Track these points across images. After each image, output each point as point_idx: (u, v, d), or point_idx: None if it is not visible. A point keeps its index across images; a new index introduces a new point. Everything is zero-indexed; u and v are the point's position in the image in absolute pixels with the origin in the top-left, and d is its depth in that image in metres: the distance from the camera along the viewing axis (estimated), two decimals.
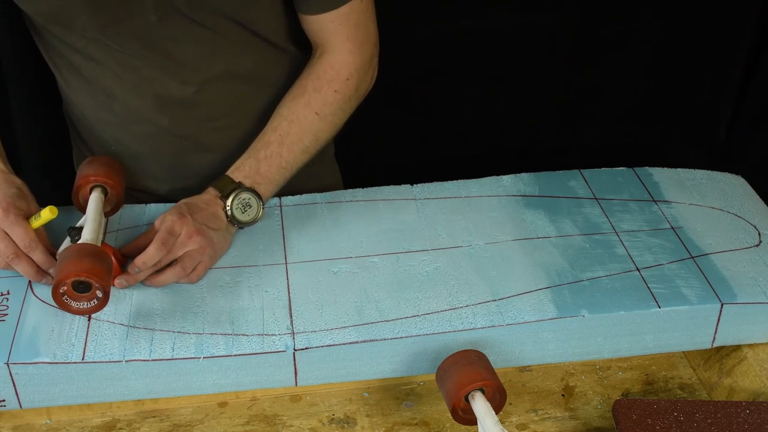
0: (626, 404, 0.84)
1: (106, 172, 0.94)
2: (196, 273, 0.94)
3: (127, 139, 1.09)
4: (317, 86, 1.03)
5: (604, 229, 1.02)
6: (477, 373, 0.82)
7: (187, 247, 0.93)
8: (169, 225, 0.93)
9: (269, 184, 1.01)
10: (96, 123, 1.09)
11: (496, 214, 1.05)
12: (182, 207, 0.96)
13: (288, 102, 1.03)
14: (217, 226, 0.96)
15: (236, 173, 1.00)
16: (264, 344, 0.87)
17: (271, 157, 1.01)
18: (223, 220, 0.97)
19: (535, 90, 1.70)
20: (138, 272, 0.91)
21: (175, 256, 0.93)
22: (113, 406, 0.91)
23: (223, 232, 0.97)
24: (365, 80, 1.06)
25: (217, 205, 0.98)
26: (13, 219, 0.90)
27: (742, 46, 1.66)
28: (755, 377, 0.92)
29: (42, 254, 0.91)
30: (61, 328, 0.88)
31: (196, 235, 0.93)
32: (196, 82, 1.03)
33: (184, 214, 0.94)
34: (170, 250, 0.92)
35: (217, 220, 0.97)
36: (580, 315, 0.90)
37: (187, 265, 0.93)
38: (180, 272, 0.92)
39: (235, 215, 0.98)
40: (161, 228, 0.93)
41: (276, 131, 1.02)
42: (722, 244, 1.00)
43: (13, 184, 0.95)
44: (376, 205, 1.06)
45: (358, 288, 0.94)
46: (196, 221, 0.94)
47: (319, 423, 0.90)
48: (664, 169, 1.14)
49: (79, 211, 0.94)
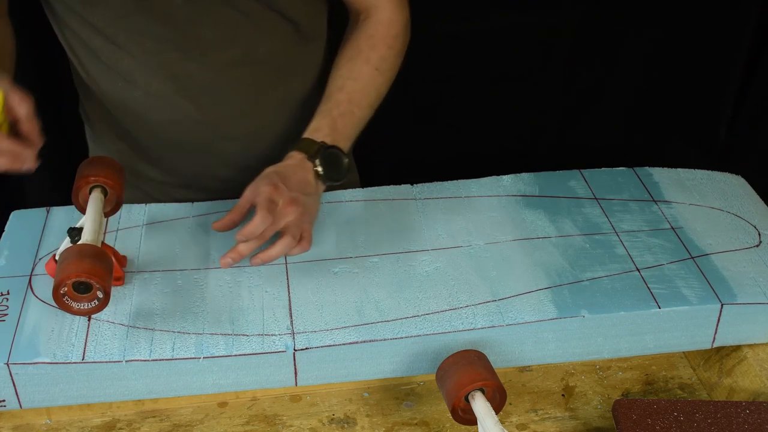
0: (626, 404, 0.84)
1: (106, 172, 0.94)
2: (306, 241, 0.95)
3: (147, 126, 1.09)
4: (372, 44, 1.06)
5: (604, 229, 1.02)
6: (477, 373, 0.82)
7: (288, 216, 0.93)
8: (268, 195, 0.93)
9: (347, 140, 1.02)
10: (115, 110, 1.09)
11: (496, 214, 1.05)
12: (273, 176, 0.95)
13: (345, 62, 1.06)
14: (308, 191, 0.96)
15: (316, 134, 1.00)
16: (264, 344, 0.87)
17: (345, 114, 1.02)
18: (313, 183, 0.97)
19: (536, 90, 1.70)
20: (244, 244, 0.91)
21: (277, 228, 0.93)
22: (113, 406, 0.91)
23: (315, 195, 0.98)
24: (407, 38, 1.10)
25: (304, 168, 0.97)
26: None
27: (742, 46, 1.66)
28: (755, 377, 0.92)
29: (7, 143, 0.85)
30: (61, 328, 0.88)
31: (293, 204, 0.93)
32: (217, 65, 1.03)
33: (277, 184, 0.94)
34: (274, 219, 0.92)
35: (308, 185, 0.97)
36: (580, 315, 0.90)
37: (295, 233, 0.93)
38: (291, 242, 0.93)
39: (326, 173, 0.98)
40: (261, 198, 0.92)
41: (342, 90, 1.03)
42: (722, 245, 1.00)
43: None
44: (376, 205, 1.06)
45: (358, 288, 0.94)
46: (291, 189, 0.94)
47: (319, 423, 0.90)
48: (664, 169, 1.14)
49: (79, 211, 0.94)
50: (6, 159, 0.86)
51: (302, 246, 0.95)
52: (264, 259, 0.93)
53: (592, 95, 1.72)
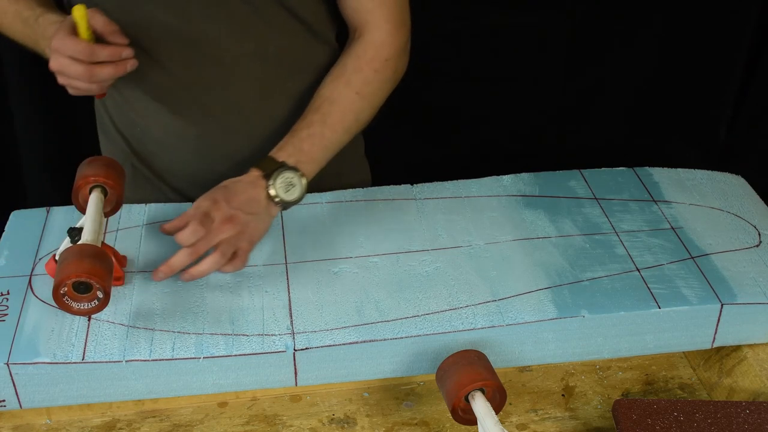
0: (626, 404, 0.84)
1: (105, 172, 0.94)
2: (240, 259, 0.94)
3: (153, 119, 1.09)
4: (357, 66, 1.03)
5: (604, 229, 1.02)
6: (477, 373, 0.82)
7: (222, 233, 0.92)
8: (205, 209, 0.93)
9: (312, 163, 1.00)
10: (122, 102, 1.09)
11: (496, 214, 1.05)
12: (217, 192, 0.95)
13: (329, 82, 1.04)
14: (253, 210, 0.95)
15: (279, 153, 0.99)
16: (264, 344, 0.87)
17: (314, 136, 1.00)
18: (262, 202, 0.96)
19: (536, 90, 1.70)
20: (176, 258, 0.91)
21: (211, 244, 0.92)
22: (113, 406, 0.91)
23: (262, 215, 0.96)
24: (401, 63, 1.07)
25: (258, 186, 0.96)
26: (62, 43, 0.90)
27: (742, 46, 1.67)
28: (755, 377, 0.92)
29: (105, 50, 0.92)
30: (61, 328, 0.88)
31: (230, 222, 0.92)
32: (226, 60, 1.03)
33: (218, 200, 0.93)
34: (206, 234, 0.92)
35: (254, 204, 0.95)
36: (580, 315, 0.90)
37: (226, 251, 0.92)
38: (219, 259, 0.92)
39: (279, 194, 0.96)
40: (197, 212, 0.93)
41: (318, 111, 1.02)
42: (722, 245, 1.00)
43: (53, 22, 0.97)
44: (376, 205, 1.06)
45: (358, 288, 0.94)
46: (231, 206, 0.93)
47: (319, 423, 0.90)
48: (664, 169, 1.14)
49: (79, 211, 0.94)
50: (109, 67, 0.92)
51: (234, 264, 0.94)
52: (193, 274, 0.92)
53: (592, 95, 1.72)
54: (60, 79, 0.94)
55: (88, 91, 0.95)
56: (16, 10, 1.02)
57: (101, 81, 0.94)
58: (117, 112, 1.13)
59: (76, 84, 0.94)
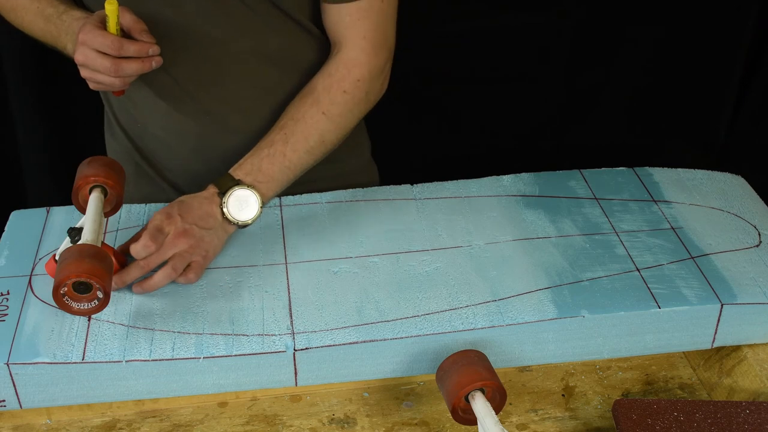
0: (626, 404, 0.84)
1: (105, 172, 0.94)
2: (193, 272, 0.94)
3: (153, 116, 1.09)
4: (327, 85, 1.02)
5: (604, 230, 1.02)
6: (477, 373, 0.82)
7: (176, 247, 0.92)
8: (158, 223, 0.93)
9: (270, 183, 1.00)
10: (125, 98, 1.09)
11: (496, 214, 1.05)
12: (173, 207, 0.95)
13: (297, 101, 1.03)
14: (208, 225, 0.95)
15: (237, 171, 0.99)
16: (264, 344, 0.87)
17: (275, 155, 1.00)
18: (217, 218, 0.96)
19: (536, 90, 1.70)
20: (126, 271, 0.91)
21: (164, 257, 0.92)
22: (113, 406, 0.91)
23: (217, 230, 0.96)
24: (375, 86, 1.04)
25: (213, 202, 0.97)
26: (90, 36, 0.91)
27: (742, 45, 1.67)
28: (755, 377, 0.92)
29: (133, 45, 0.92)
30: (61, 328, 0.88)
31: (183, 236, 0.93)
32: (224, 59, 1.03)
33: (172, 215, 0.94)
34: (159, 248, 0.92)
35: (210, 219, 0.96)
36: (580, 315, 0.90)
37: (178, 264, 0.92)
38: (171, 273, 0.92)
39: (231, 213, 0.97)
40: (150, 226, 0.93)
41: (282, 130, 1.01)
42: (722, 245, 1.00)
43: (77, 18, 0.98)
44: (376, 205, 1.06)
45: (358, 288, 0.94)
46: (186, 221, 0.94)
47: (319, 423, 0.90)
48: (664, 169, 1.14)
49: (79, 211, 0.94)
50: (136, 63, 0.93)
51: (186, 277, 0.93)
52: (144, 287, 0.92)
53: (592, 95, 1.72)
54: (83, 72, 0.95)
55: (111, 86, 0.95)
56: (38, 7, 1.03)
57: (126, 76, 0.94)
58: (120, 109, 1.13)
59: (99, 78, 0.94)
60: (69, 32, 0.98)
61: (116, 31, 0.93)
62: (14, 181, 1.62)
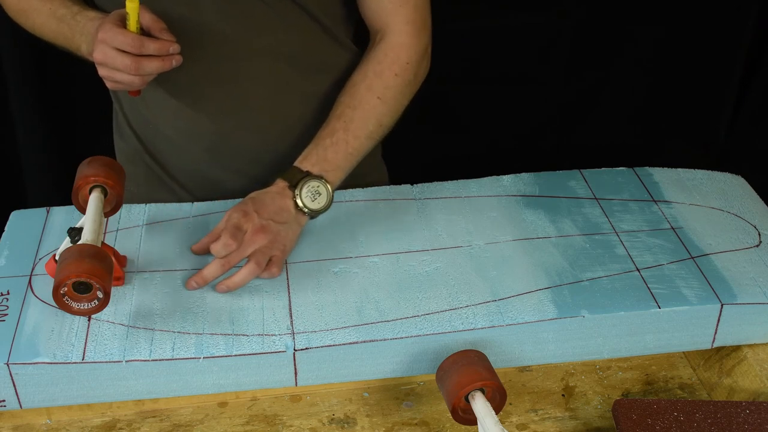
0: (626, 404, 0.84)
1: (105, 172, 0.94)
2: (276, 266, 0.94)
3: (165, 115, 1.09)
4: (378, 70, 1.03)
5: (604, 229, 1.02)
6: (477, 373, 0.82)
7: (256, 244, 0.93)
8: (236, 221, 0.94)
9: (337, 171, 1.01)
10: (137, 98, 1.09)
11: (496, 214, 1.05)
12: (248, 204, 0.96)
13: (349, 88, 1.04)
14: (283, 219, 0.96)
15: (304, 163, 1.00)
16: (264, 344, 0.87)
17: (337, 143, 1.01)
18: (291, 212, 0.97)
19: (536, 90, 1.70)
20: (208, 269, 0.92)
21: (244, 255, 0.93)
22: (113, 406, 0.91)
23: (291, 224, 0.97)
24: (422, 67, 1.06)
25: (285, 196, 0.97)
26: (110, 34, 0.91)
27: (742, 45, 1.66)
28: (755, 377, 0.92)
29: (154, 43, 0.92)
30: (61, 328, 0.88)
31: (261, 232, 0.93)
32: (239, 57, 1.03)
33: (248, 212, 0.95)
34: (239, 246, 0.93)
35: (284, 213, 0.96)
36: (580, 315, 0.90)
37: (260, 260, 0.93)
38: (255, 268, 0.93)
39: (306, 204, 0.97)
40: (228, 224, 0.94)
41: (340, 118, 1.02)
42: (722, 245, 1.00)
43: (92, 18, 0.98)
44: (376, 205, 1.06)
45: (358, 288, 0.94)
46: (262, 217, 0.94)
47: (319, 423, 0.90)
48: (664, 169, 1.14)
49: (79, 211, 0.94)
50: (156, 61, 0.93)
51: (270, 271, 0.94)
52: (228, 285, 0.93)
53: (592, 95, 1.72)
54: (101, 70, 0.95)
55: (129, 84, 0.95)
56: (50, 9, 1.02)
57: (146, 74, 0.94)
58: (131, 110, 1.13)
59: (118, 77, 0.94)
60: (83, 33, 0.98)
61: (137, 29, 0.93)
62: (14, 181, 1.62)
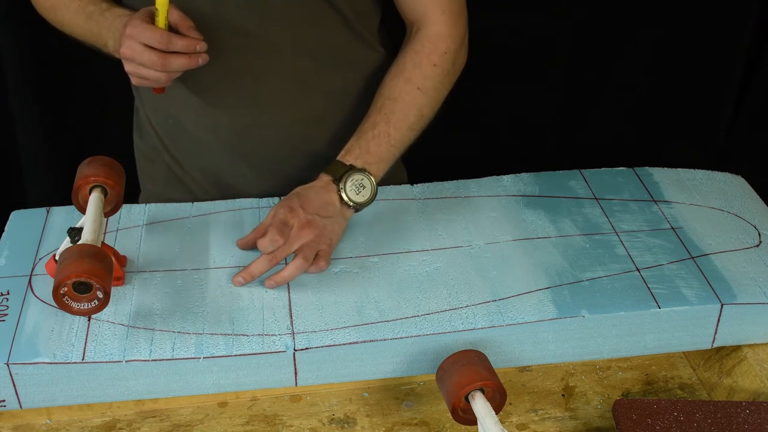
0: (626, 404, 0.84)
1: (105, 172, 0.94)
2: (323, 260, 0.95)
3: (186, 110, 1.09)
4: (416, 61, 1.03)
5: (604, 229, 1.02)
6: (477, 373, 0.82)
7: (302, 239, 0.93)
8: (282, 217, 0.94)
9: (380, 163, 1.01)
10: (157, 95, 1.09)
11: (496, 214, 1.05)
12: (293, 199, 0.96)
13: (389, 80, 1.04)
14: (329, 214, 0.96)
15: (346, 157, 1.00)
16: (264, 344, 0.87)
17: (380, 136, 1.01)
18: (336, 206, 0.97)
19: (536, 90, 1.70)
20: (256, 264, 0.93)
21: (291, 250, 0.93)
22: (113, 406, 0.91)
23: (337, 218, 0.97)
24: (460, 56, 1.06)
25: (330, 190, 0.98)
26: (139, 30, 0.91)
27: (742, 45, 1.66)
28: (755, 377, 0.92)
29: (182, 40, 0.92)
30: (61, 328, 0.88)
31: (307, 227, 0.94)
32: (261, 51, 1.03)
33: (294, 207, 0.95)
34: (286, 241, 0.93)
35: (329, 207, 0.97)
36: (580, 315, 0.90)
37: (307, 254, 0.93)
38: (302, 263, 0.93)
39: (350, 197, 0.97)
40: (274, 220, 0.94)
41: (381, 111, 1.02)
42: (722, 245, 1.00)
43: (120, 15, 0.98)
44: (376, 205, 1.06)
45: (358, 288, 0.94)
46: (308, 212, 0.95)
47: (319, 423, 0.90)
48: (664, 169, 1.14)
49: (79, 211, 0.94)
50: (183, 58, 0.93)
51: (318, 265, 0.95)
52: (277, 280, 0.93)
53: (592, 95, 1.72)
54: (127, 66, 0.95)
55: (156, 81, 0.95)
56: (79, 5, 1.03)
57: (173, 71, 0.94)
58: (152, 107, 1.13)
59: (144, 73, 0.94)
60: (111, 29, 0.98)
61: (165, 26, 0.93)
62: (14, 181, 1.62)
